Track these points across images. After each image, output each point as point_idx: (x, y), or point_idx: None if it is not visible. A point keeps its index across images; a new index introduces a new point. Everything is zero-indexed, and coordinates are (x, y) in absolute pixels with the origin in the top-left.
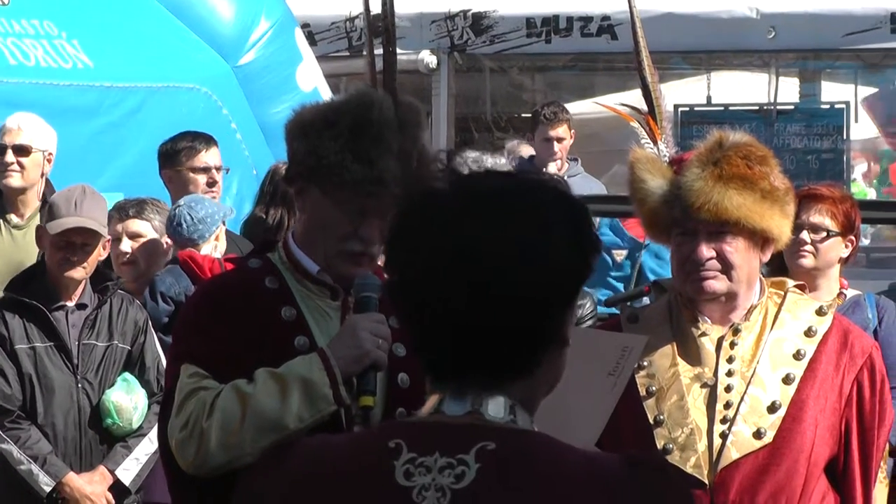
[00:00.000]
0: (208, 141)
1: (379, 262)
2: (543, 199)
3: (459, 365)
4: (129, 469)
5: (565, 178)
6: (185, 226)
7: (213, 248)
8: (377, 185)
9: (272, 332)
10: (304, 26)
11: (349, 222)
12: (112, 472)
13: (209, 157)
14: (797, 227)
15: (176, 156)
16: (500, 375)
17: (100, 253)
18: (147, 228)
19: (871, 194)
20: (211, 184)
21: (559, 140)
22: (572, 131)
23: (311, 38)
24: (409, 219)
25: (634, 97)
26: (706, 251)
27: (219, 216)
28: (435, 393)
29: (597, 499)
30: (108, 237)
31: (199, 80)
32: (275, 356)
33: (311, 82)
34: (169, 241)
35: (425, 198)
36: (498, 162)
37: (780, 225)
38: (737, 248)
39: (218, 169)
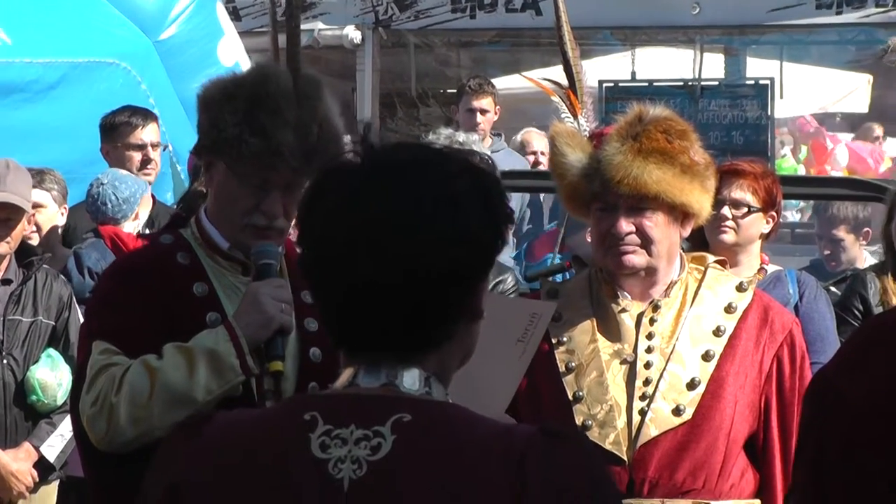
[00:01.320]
0: (146, 117)
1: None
2: (453, 172)
3: (373, 338)
4: (54, 445)
5: (488, 152)
6: (110, 206)
7: (134, 226)
8: (274, 157)
9: (184, 308)
10: (230, 1)
11: (251, 196)
12: (37, 449)
13: (146, 133)
14: (718, 203)
15: (114, 131)
16: (413, 348)
17: (24, 228)
18: (47, 199)
19: (801, 170)
20: (145, 161)
21: (483, 112)
22: (497, 106)
23: (236, 14)
24: (321, 193)
25: (560, 73)
26: (626, 225)
27: (139, 194)
28: (349, 366)
29: (510, 469)
30: (32, 212)
31: (118, 55)
32: (188, 331)
33: (233, 57)
34: (63, 214)
35: (336, 171)
36: (470, 139)
37: (700, 200)
38: (656, 223)
39: (154, 146)
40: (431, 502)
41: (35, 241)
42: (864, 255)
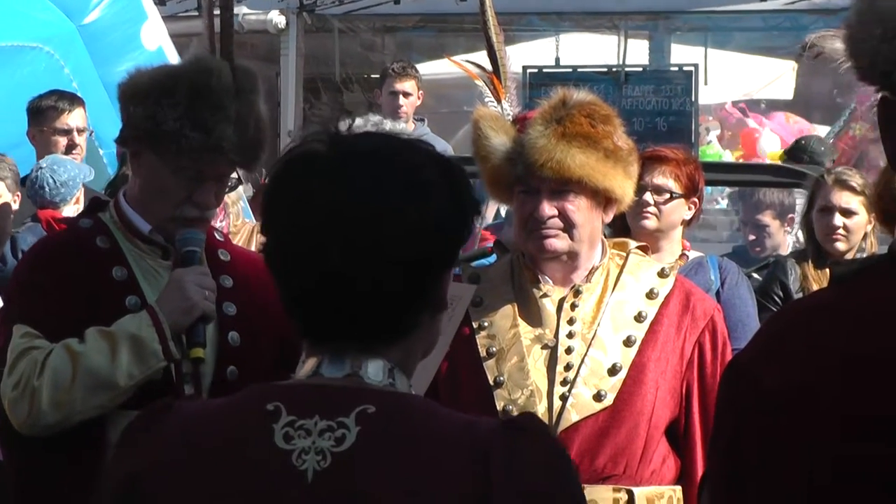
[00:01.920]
0: (73, 101)
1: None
2: (421, 161)
3: (338, 328)
4: None
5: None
6: (47, 189)
7: (75, 210)
8: (215, 152)
9: (104, 292)
10: None
11: (185, 188)
12: None
13: (72, 118)
14: (640, 189)
15: (41, 115)
16: (379, 339)
17: None
18: (1, 188)
19: (727, 157)
20: (71, 146)
21: (406, 95)
22: (421, 91)
23: None
24: (286, 180)
25: (484, 58)
26: (548, 209)
27: (80, 178)
28: (311, 356)
29: (474, 463)
30: None
31: (42, 39)
32: (107, 315)
33: (156, 41)
34: (15, 201)
35: (303, 159)
36: (397, 127)
37: (622, 185)
38: (579, 207)
39: (80, 131)
40: (396, 494)
41: None
42: (788, 242)
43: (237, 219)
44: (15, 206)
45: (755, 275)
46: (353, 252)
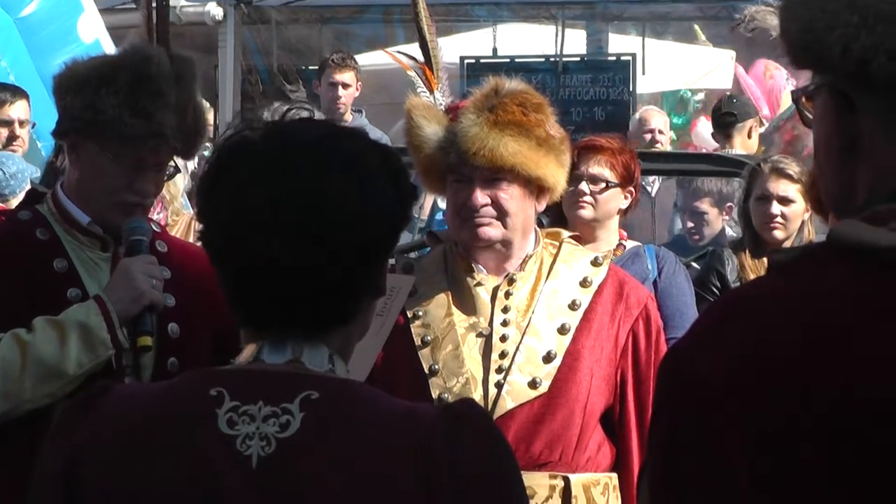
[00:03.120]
0: (15, 93)
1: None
2: (360, 148)
3: (278, 315)
4: None
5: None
6: None
7: None
8: (156, 138)
9: (45, 284)
10: None
11: (125, 175)
12: None
13: (13, 110)
14: (577, 178)
15: None
16: (318, 325)
17: None
18: None
19: (667, 147)
20: (12, 138)
21: (345, 86)
22: (359, 82)
23: None
24: (226, 168)
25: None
26: (481, 197)
27: (27, 173)
28: (251, 342)
29: (413, 446)
30: None
31: None
32: (49, 307)
33: (93, 34)
34: None
35: (240, 147)
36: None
37: (555, 174)
38: (512, 195)
39: (22, 123)
40: (340, 480)
41: None
42: (726, 230)
43: (176, 214)
44: None
45: (694, 264)
46: (295, 239)
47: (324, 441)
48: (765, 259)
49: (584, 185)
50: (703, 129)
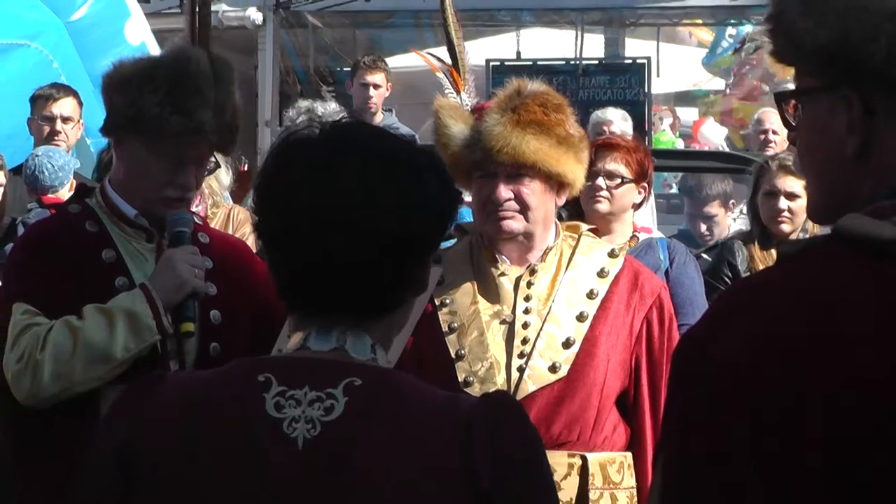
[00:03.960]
0: (64, 91)
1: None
2: (408, 148)
3: (327, 304)
4: None
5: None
6: (46, 174)
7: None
8: (195, 135)
9: (94, 273)
10: None
11: (168, 170)
12: None
13: (58, 107)
14: (594, 174)
15: (35, 103)
16: (365, 315)
17: None
18: (1, 177)
19: (679, 144)
20: (53, 133)
21: (376, 87)
22: (389, 83)
23: None
24: (286, 164)
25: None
26: (505, 192)
27: (71, 165)
28: (298, 331)
29: (458, 435)
30: None
31: (31, 36)
32: (97, 296)
33: (139, 37)
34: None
35: (301, 144)
36: (328, 108)
37: (574, 170)
38: (533, 190)
39: (66, 120)
40: (382, 462)
41: None
42: (730, 224)
43: (216, 206)
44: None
45: (704, 255)
46: (347, 235)
47: (367, 424)
48: (772, 250)
49: (601, 181)
50: (708, 128)
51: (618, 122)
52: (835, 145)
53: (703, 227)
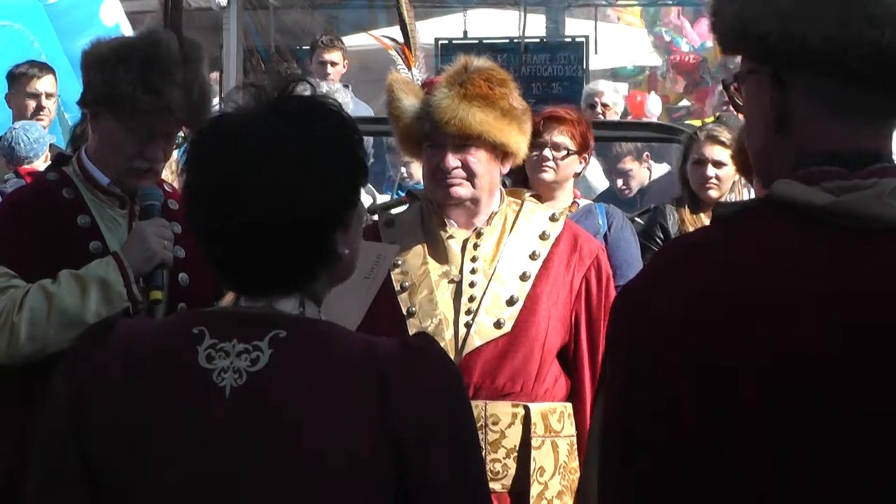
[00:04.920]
0: (43, 69)
1: (162, 177)
2: (318, 128)
3: (252, 277)
4: None
5: (350, 99)
6: (22, 145)
7: (45, 166)
8: (164, 112)
9: (70, 238)
10: None
11: (137, 143)
12: None
13: (41, 84)
14: (541, 145)
15: (16, 80)
16: (286, 281)
17: None
18: None
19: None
20: (39, 108)
21: (333, 64)
22: (346, 61)
23: None
24: (197, 145)
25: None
26: (453, 160)
27: (46, 139)
28: (232, 291)
29: (374, 379)
30: None
31: (12, 17)
32: (73, 259)
33: (114, 18)
34: None
35: (212, 126)
36: (333, 87)
37: (517, 140)
38: (479, 159)
39: (48, 96)
40: (302, 408)
41: None
42: (649, 174)
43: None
44: None
45: (637, 219)
46: (251, 212)
47: (288, 373)
48: (701, 214)
49: (547, 152)
50: (651, 102)
51: (609, 93)
52: (763, 120)
53: (620, 182)
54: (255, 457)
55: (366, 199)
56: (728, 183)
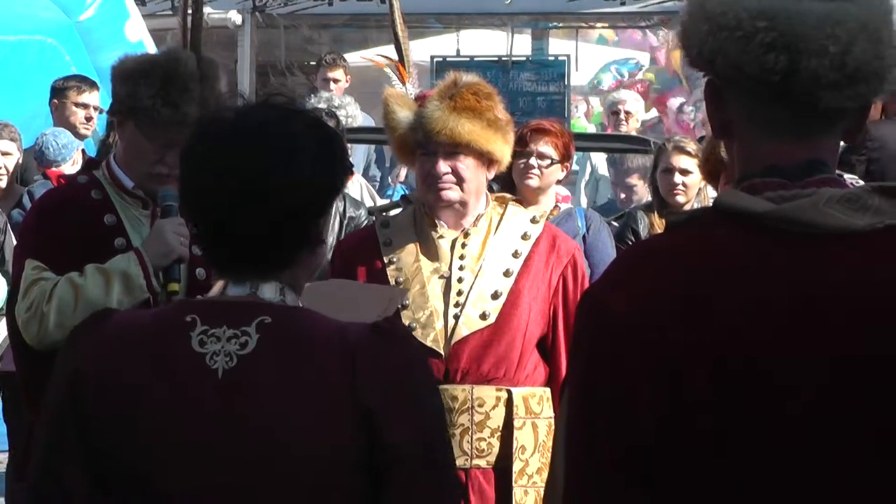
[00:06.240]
0: (92, 85)
1: None
2: (297, 130)
3: (238, 260)
4: None
5: (358, 112)
6: (51, 149)
7: (73, 170)
8: (180, 125)
9: (97, 234)
10: None
11: (157, 151)
12: None
13: (91, 97)
14: (527, 154)
15: (65, 91)
16: (270, 267)
17: None
18: (12, 147)
19: (591, 129)
20: (88, 119)
21: (335, 81)
22: (348, 76)
23: (142, 0)
24: (193, 141)
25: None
26: (443, 167)
27: (74, 145)
28: (219, 279)
29: (345, 360)
30: None
31: (45, 33)
32: (99, 254)
33: (138, 35)
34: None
35: (207, 123)
36: (344, 101)
37: (501, 149)
38: (468, 165)
39: (95, 108)
40: (286, 387)
41: (4, 182)
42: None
43: None
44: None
45: (613, 223)
46: (238, 205)
47: (274, 356)
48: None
49: (532, 160)
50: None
51: (631, 101)
52: (712, 125)
53: (623, 195)
54: (244, 433)
55: (367, 202)
56: (694, 190)
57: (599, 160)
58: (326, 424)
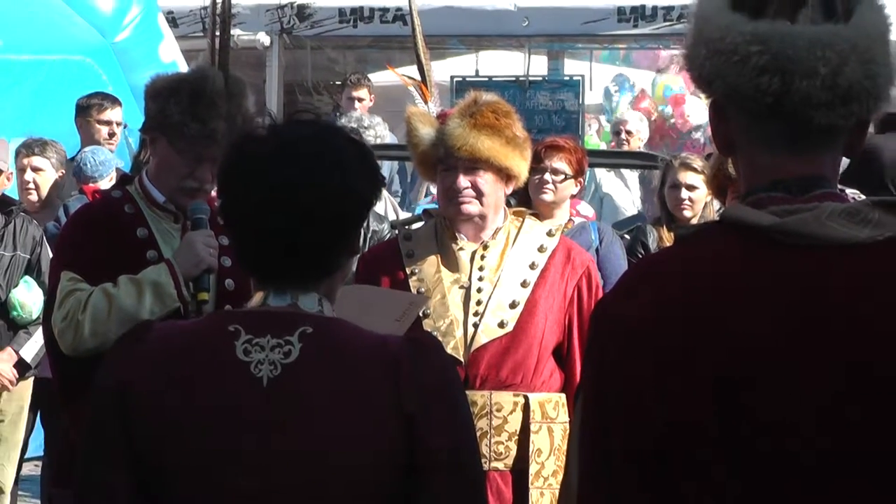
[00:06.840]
0: (114, 101)
1: (212, 194)
2: (341, 143)
3: (280, 271)
4: (30, 349)
5: (387, 131)
6: (89, 166)
7: (110, 185)
8: (209, 139)
9: (130, 247)
10: (169, 13)
11: (187, 166)
12: (17, 352)
13: (113, 114)
14: (542, 170)
15: (88, 109)
16: (311, 276)
17: (3, 184)
18: (46, 164)
19: (602, 146)
20: (111, 135)
21: (360, 100)
22: (372, 95)
23: (174, 22)
24: (238, 157)
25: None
26: (463, 182)
27: (113, 162)
28: (259, 290)
29: (384, 368)
30: (11, 171)
31: (84, 52)
32: (132, 265)
33: (171, 56)
34: (61, 177)
35: (250, 142)
36: (374, 121)
37: (519, 165)
38: (487, 180)
39: (118, 124)
40: (329, 395)
41: (34, 196)
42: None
43: None
44: (59, 180)
45: (625, 235)
46: (292, 213)
47: (317, 365)
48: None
49: (547, 176)
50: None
51: (633, 121)
52: (716, 143)
53: (650, 211)
54: (290, 440)
55: (391, 216)
56: (700, 204)
57: (605, 177)
58: (372, 430)
